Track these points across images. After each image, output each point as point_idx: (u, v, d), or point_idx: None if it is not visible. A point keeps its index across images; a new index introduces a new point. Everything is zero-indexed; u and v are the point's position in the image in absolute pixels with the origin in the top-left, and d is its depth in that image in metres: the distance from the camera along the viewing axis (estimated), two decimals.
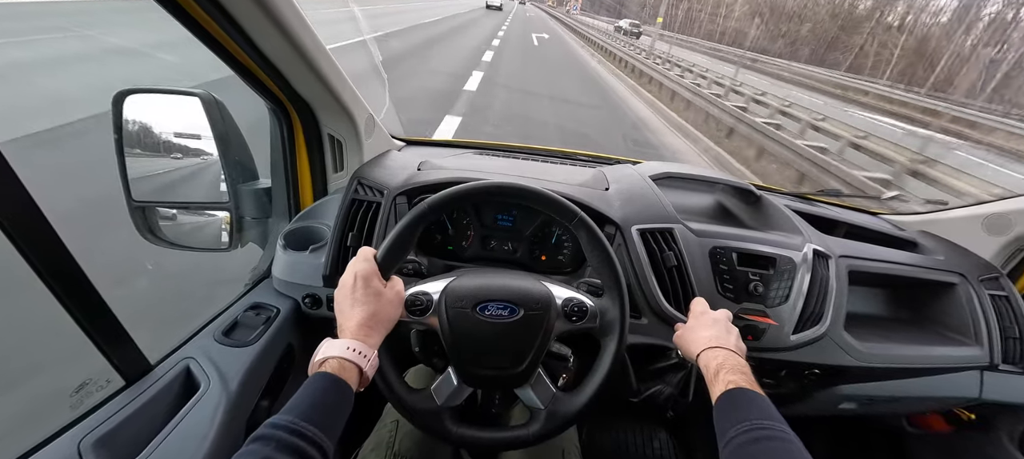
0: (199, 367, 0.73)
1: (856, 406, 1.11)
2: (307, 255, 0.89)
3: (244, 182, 0.97)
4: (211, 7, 0.58)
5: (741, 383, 0.57)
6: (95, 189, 2.11)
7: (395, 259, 0.64)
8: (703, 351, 0.64)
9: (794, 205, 1.14)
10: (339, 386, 0.50)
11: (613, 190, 0.99)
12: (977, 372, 1.01)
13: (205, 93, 0.84)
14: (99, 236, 2.00)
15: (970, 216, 1.13)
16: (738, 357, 0.63)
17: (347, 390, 0.51)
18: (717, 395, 0.57)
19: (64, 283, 0.52)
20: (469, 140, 1.31)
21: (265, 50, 0.69)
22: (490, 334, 0.63)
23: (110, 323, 0.61)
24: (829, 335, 0.88)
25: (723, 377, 0.58)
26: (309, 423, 0.45)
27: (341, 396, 0.50)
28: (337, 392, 0.50)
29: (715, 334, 0.67)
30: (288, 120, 0.88)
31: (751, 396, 0.55)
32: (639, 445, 1.49)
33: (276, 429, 0.44)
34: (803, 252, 0.89)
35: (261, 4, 0.60)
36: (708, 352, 0.64)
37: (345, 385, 0.51)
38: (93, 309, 0.58)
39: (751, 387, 0.56)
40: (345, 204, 0.88)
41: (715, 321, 0.70)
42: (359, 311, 0.57)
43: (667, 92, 9.11)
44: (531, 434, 0.65)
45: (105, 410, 0.61)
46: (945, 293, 1.03)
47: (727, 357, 0.62)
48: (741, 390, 0.56)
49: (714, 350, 0.63)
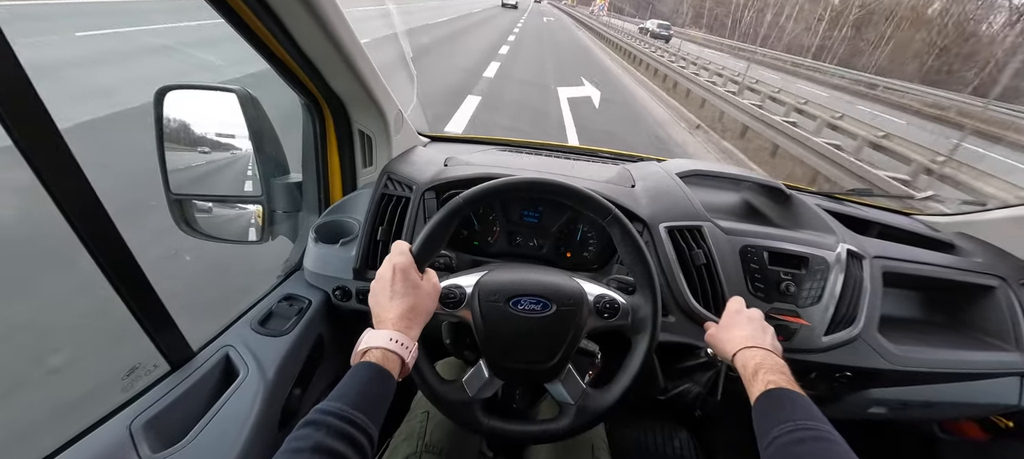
0: (238, 355, 0.75)
1: (887, 411, 1.08)
2: (338, 248, 0.91)
3: (276, 176, 0.99)
4: (256, 4, 0.60)
5: (781, 383, 0.56)
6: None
7: (430, 252, 0.64)
8: (740, 350, 0.64)
9: (825, 204, 1.12)
10: (383, 376, 0.51)
11: (639, 187, 0.98)
12: (1017, 379, 0.98)
13: (241, 90, 0.86)
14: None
15: (1011, 217, 1.09)
16: (776, 357, 0.62)
17: (390, 380, 0.52)
18: (756, 394, 0.56)
19: (120, 272, 0.54)
20: (493, 137, 1.32)
21: (303, 45, 0.70)
22: (522, 328, 0.64)
23: (158, 310, 0.63)
24: (862, 337, 0.86)
25: (763, 377, 0.57)
26: (358, 410, 0.46)
27: (385, 386, 0.51)
28: (381, 382, 0.51)
29: (751, 333, 0.66)
30: (321, 115, 0.90)
31: (793, 396, 0.54)
32: (659, 444, 1.48)
33: (327, 415, 0.45)
34: (836, 252, 0.87)
35: (305, 2, 0.61)
36: (745, 352, 0.63)
37: (388, 375, 0.52)
38: (144, 297, 0.60)
39: (792, 387, 0.56)
40: (375, 199, 0.89)
41: (750, 319, 0.69)
42: (399, 303, 0.58)
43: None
44: (561, 428, 0.65)
45: (153, 393, 0.64)
46: (983, 296, 1.00)
47: (766, 357, 0.61)
48: (783, 390, 0.55)
49: (751, 350, 0.63)
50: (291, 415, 0.81)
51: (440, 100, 6.04)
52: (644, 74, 12.41)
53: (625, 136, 6.44)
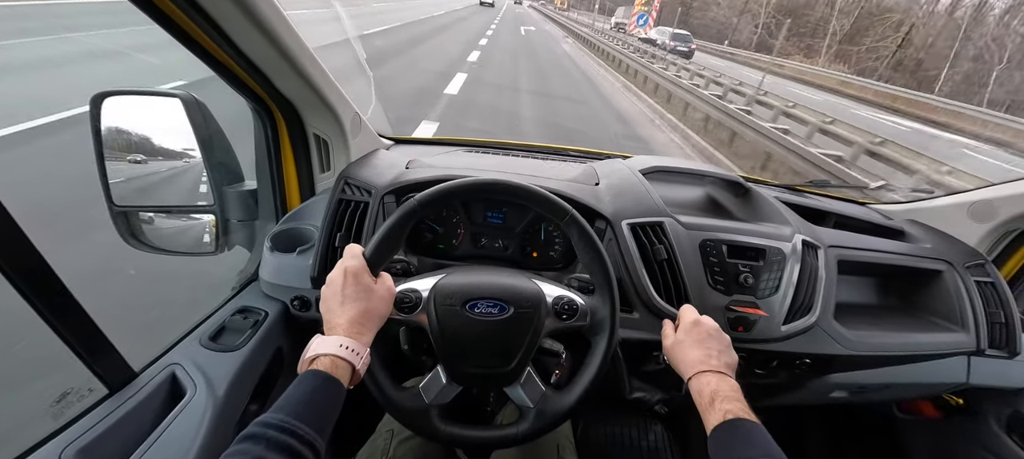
0: (185, 373, 0.72)
1: (847, 394, 1.12)
2: (295, 257, 0.88)
3: (229, 184, 0.95)
4: (188, 7, 0.57)
5: (738, 412, 0.55)
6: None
7: (384, 256, 0.63)
8: (694, 375, 0.63)
9: (784, 197, 1.15)
10: (331, 384, 0.49)
11: (603, 185, 0.99)
12: (964, 358, 1.02)
13: (186, 94, 0.83)
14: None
15: (956, 204, 1.14)
16: (731, 380, 0.62)
17: (339, 389, 0.50)
18: (713, 424, 0.56)
19: (37, 290, 0.51)
20: (459, 138, 1.30)
21: (245, 49, 0.67)
22: (479, 332, 0.63)
23: (90, 331, 0.60)
24: (819, 325, 0.89)
25: (719, 406, 0.57)
26: (301, 421, 0.44)
27: (333, 395, 0.50)
28: (329, 391, 0.49)
29: (705, 354, 0.65)
30: (272, 120, 0.87)
31: (749, 427, 0.54)
32: (634, 438, 1.50)
33: (267, 428, 0.43)
34: (792, 243, 0.89)
35: (240, 3, 0.59)
36: (700, 377, 0.62)
37: (337, 383, 0.50)
38: (71, 317, 0.57)
39: (747, 415, 0.55)
40: (332, 204, 0.86)
41: (708, 335, 0.68)
42: (350, 308, 0.56)
43: None
44: (520, 433, 0.64)
45: (88, 419, 0.60)
46: (932, 280, 1.04)
47: (721, 383, 0.60)
48: (739, 421, 0.54)
49: (706, 375, 0.62)
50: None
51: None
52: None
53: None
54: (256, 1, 0.60)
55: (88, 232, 2.04)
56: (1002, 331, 1.00)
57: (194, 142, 0.89)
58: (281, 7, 0.64)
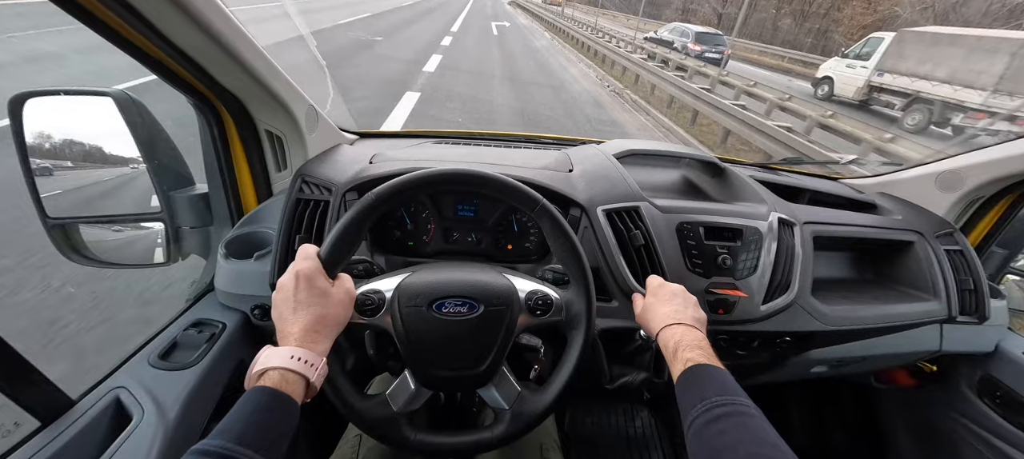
0: (131, 397, 0.66)
1: (827, 369, 1.13)
2: (252, 263, 0.82)
3: (177, 189, 0.89)
4: (112, 2, 0.51)
5: (699, 359, 0.55)
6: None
7: (341, 256, 0.58)
8: (662, 329, 0.63)
9: (758, 175, 1.14)
10: (280, 400, 0.45)
11: (577, 171, 0.96)
12: (937, 326, 1.04)
13: (119, 93, 0.76)
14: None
15: (924, 175, 1.16)
16: (696, 331, 0.61)
17: (290, 404, 0.46)
18: (677, 373, 0.56)
19: None
20: (428, 130, 1.25)
21: (177, 41, 0.61)
22: (448, 333, 0.59)
23: (10, 359, 0.53)
24: (798, 302, 0.88)
25: (681, 355, 0.57)
26: (244, 445, 0.40)
27: (283, 412, 0.45)
28: (278, 408, 0.45)
29: (673, 309, 0.65)
30: (217, 117, 0.80)
31: (709, 371, 0.54)
32: (622, 425, 1.49)
33: (203, 457, 0.38)
34: (768, 221, 0.88)
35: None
36: (666, 330, 0.62)
37: (287, 399, 0.45)
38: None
39: (709, 361, 0.55)
40: (289, 205, 0.81)
41: (673, 295, 0.68)
42: (304, 315, 0.52)
43: None
44: (495, 437, 0.61)
45: (17, 456, 0.54)
46: (904, 251, 1.05)
47: (685, 333, 0.60)
48: (699, 366, 0.54)
49: (672, 328, 0.62)
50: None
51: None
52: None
53: None
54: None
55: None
56: (971, 297, 1.01)
57: (134, 145, 0.82)
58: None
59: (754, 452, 0.44)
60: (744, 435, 0.46)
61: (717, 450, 0.45)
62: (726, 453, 0.44)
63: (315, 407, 0.73)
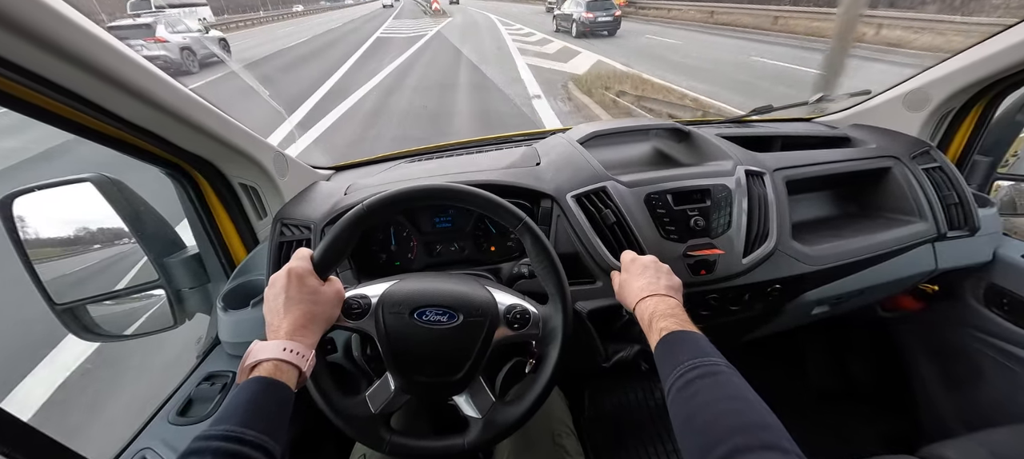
0: (156, 456, 0.70)
1: (828, 308, 1.13)
2: (250, 311, 0.86)
3: (170, 255, 0.93)
4: (41, 87, 0.52)
5: (672, 326, 0.57)
6: None
7: (333, 259, 0.61)
8: (638, 303, 0.64)
9: (726, 131, 1.15)
10: (275, 388, 0.47)
11: (544, 163, 0.98)
12: (929, 246, 1.04)
13: (97, 176, 0.80)
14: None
15: (891, 99, 1.16)
16: (669, 300, 0.63)
17: (285, 391, 0.48)
18: (653, 344, 0.57)
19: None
20: (401, 151, 1.28)
21: (127, 117, 0.64)
22: (427, 340, 0.62)
23: (39, 443, 0.58)
24: (779, 248, 0.89)
25: (656, 325, 0.58)
26: (245, 427, 0.42)
27: (279, 398, 0.47)
28: (274, 394, 0.47)
29: (646, 282, 0.66)
30: (190, 180, 0.84)
31: (682, 336, 0.55)
32: (641, 401, 1.51)
33: (209, 441, 0.40)
34: (735, 176, 0.90)
35: (97, 72, 0.54)
36: (641, 304, 0.64)
37: (283, 386, 0.48)
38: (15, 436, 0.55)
39: (682, 326, 0.57)
40: (272, 249, 0.85)
41: (644, 268, 0.70)
42: (294, 310, 0.54)
43: None
44: (466, 443, 0.63)
45: None
46: (883, 178, 1.06)
47: (658, 303, 0.62)
48: (672, 334, 0.56)
49: (645, 300, 0.63)
50: None
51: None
52: None
53: None
54: (116, 65, 0.56)
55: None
56: (958, 211, 1.01)
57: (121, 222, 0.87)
58: (148, 64, 0.61)
59: (724, 408, 0.45)
60: (715, 392, 0.47)
61: (692, 411, 0.47)
62: (699, 413, 0.46)
63: (328, 430, 0.75)
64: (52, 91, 0.53)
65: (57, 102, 0.55)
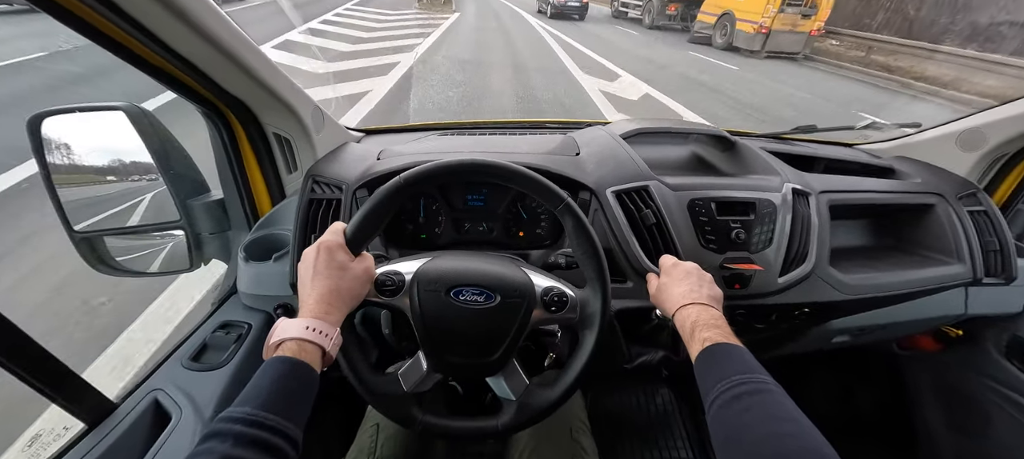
0: (169, 398, 0.69)
1: (849, 338, 1.11)
2: (272, 264, 0.84)
3: (193, 197, 0.91)
4: (109, 12, 0.52)
5: (716, 338, 0.55)
6: None
7: (366, 234, 0.59)
8: (678, 309, 0.63)
9: (770, 146, 1.12)
10: (300, 370, 0.46)
11: (584, 154, 0.95)
12: (962, 289, 1.02)
13: (129, 105, 0.77)
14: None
15: (944, 135, 1.12)
16: (712, 310, 0.61)
17: (309, 373, 0.47)
18: (694, 354, 0.56)
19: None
20: (433, 123, 1.25)
21: (180, 50, 0.62)
22: (463, 320, 0.60)
23: (54, 368, 0.56)
24: (816, 273, 0.87)
25: (698, 335, 0.57)
26: (269, 411, 0.41)
27: (303, 380, 0.46)
28: (298, 376, 0.46)
29: (688, 289, 0.65)
30: (226, 123, 0.81)
31: (727, 349, 0.53)
32: (642, 404, 1.50)
33: (232, 423, 0.39)
34: (782, 193, 0.87)
35: (164, 2, 0.53)
36: (682, 311, 0.62)
37: (307, 368, 0.47)
38: (31, 359, 0.53)
39: (726, 339, 0.55)
40: (302, 205, 0.82)
41: (687, 274, 0.68)
42: (320, 284, 0.53)
43: None
44: (500, 425, 0.62)
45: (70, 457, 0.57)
46: (925, 215, 1.03)
47: (701, 313, 0.60)
48: (717, 346, 0.54)
49: (688, 308, 0.62)
50: None
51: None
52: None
53: None
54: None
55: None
56: (997, 258, 0.99)
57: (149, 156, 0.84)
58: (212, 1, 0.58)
59: (774, 430, 0.44)
60: (764, 411, 0.46)
61: (738, 428, 0.46)
62: (747, 431, 0.45)
63: (335, 397, 0.73)
64: (115, 15, 0.51)
65: (117, 27, 0.53)
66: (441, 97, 5.31)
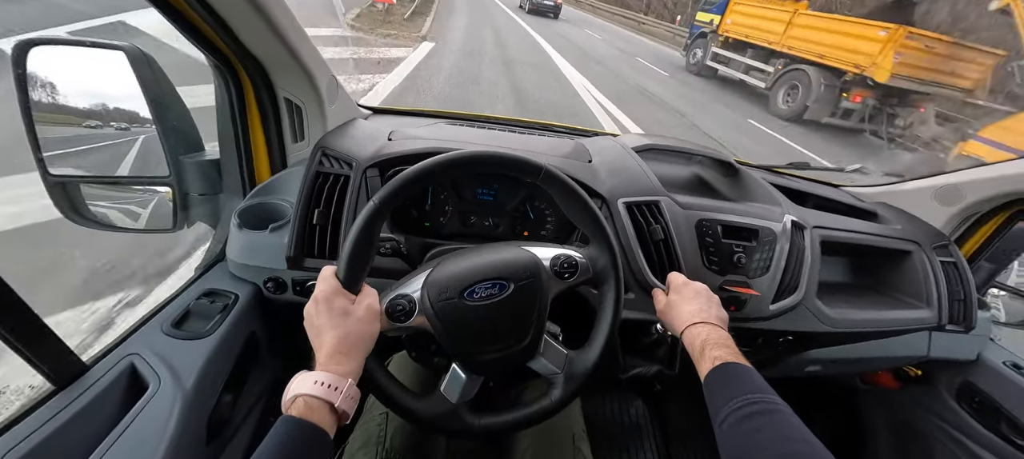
0: (146, 364, 0.64)
1: (820, 368, 1.17)
2: (267, 234, 0.80)
3: (187, 153, 0.85)
4: None
5: (727, 358, 0.57)
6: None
7: (358, 270, 0.57)
8: (687, 327, 0.64)
9: (768, 178, 1.16)
10: (307, 432, 0.44)
11: (597, 162, 0.96)
12: (926, 333, 1.09)
13: (131, 47, 0.72)
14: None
15: (923, 188, 1.19)
16: (721, 330, 0.63)
17: (318, 434, 0.45)
18: (705, 372, 0.57)
19: None
20: (441, 110, 1.23)
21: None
22: (485, 317, 0.59)
23: (27, 320, 0.51)
24: (804, 304, 0.91)
25: (709, 353, 0.58)
26: None
27: (310, 441, 0.44)
28: (305, 440, 0.44)
29: (698, 308, 0.66)
30: (236, 81, 0.77)
31: (739, 370, 0.55)
32: (617, 414, 1.53)
33: None
34: (783, 223, 0.90)
35: None
36: (692, 329, 0.63)
37: (315, 430, 0.45)
38: (4, 307, 0.48)
39: (737, 360, 0.57)
40: (309, 177, 0.79)
41: (697, 293, 0.70)
42: (328, 337, 0.51)
43: None
44: (555, 401, 0.62)
45: (33, 419, 0.53)
46: (902, 260, 1.09)
47: (711, 332, 0.62)
48: (728, 365, 0.56)
49: (698, 326, 0.63)
50: (221, 426, 0.71)
51: None
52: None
53: None
54: None
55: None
56: (961, 307, 1.06)
57: (144, 104, 0.79)
58: None
59: (786, 449, 0.45)
60: (776, 432, 0.47)
61: (749, 447, 0.47)
62: (759, 451, 0.46)
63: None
64: None
65: None
66: None
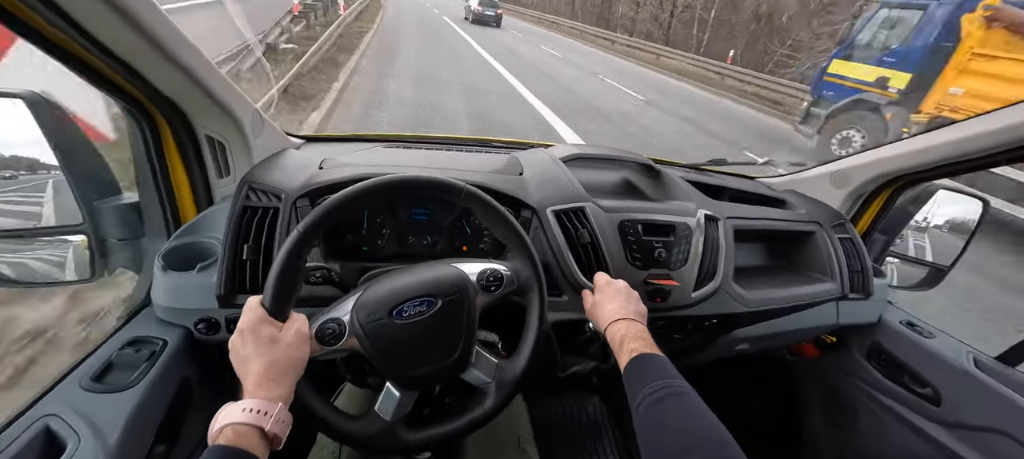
0: (63, 423, 0.61)
1: (749, 346, 1.27)
2: (195, 275, 0.78)
3: (101, 198, 0.82)
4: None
5: (642, 349, 0.63)
6: None
7: (285, 299, 0.58)
8: (609, 324, 0.70)
9: (688, 176, 1.27)
10: (238, 457, 0.45)
11: (528, 175, 1.01)
12: (834, 303, 1.21)
13: (30, 93, 0.69)
14: None
15: (821, 174, 1.34)
16: (639, 325, 0.69)
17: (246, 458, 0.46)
18: (623, 364, 0.63)
19: None
20: (377, 133, 1.24)
21: (105, 42, 0.57)
22: (414, 334, 0.61)
23: None
24: (723, 288, 0.99)
25: (627, 347, 0.64)
26: None
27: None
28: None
29: (618, 306, 0.72)
30: (151, 122, 0.75)
31: (651, 359, 0.61)
32: (574, 414, 1.58)
33: None
34: (696, 217, 0.99)
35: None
36: (613, 325, 0.69)
37: (245, 455, 0.45)
38: None
39: (651, 350, 0.63)
40: (235, 213, 0.78)
41: (618, 292, 0.76)
42: (255, 366, 0.52)
43: None
44: (487, 411, 0.65)
45: None
46: (807, 240, 1.22)
47: (629, 327, 0.68)
48: (643, 356, 0.62)
49: (618, 323, 0.69)
50: None
51: None
52: None
53: None
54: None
55: None
56: (859, 278, 1.20)
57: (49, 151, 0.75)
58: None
59: (688, 426, 0.52)
60: (681, 411, 0.54)
61: (659, 427, 0.53)
62: (667, 429, 0.52)
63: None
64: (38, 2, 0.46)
65: (36, 15, 0.48)
66: None
